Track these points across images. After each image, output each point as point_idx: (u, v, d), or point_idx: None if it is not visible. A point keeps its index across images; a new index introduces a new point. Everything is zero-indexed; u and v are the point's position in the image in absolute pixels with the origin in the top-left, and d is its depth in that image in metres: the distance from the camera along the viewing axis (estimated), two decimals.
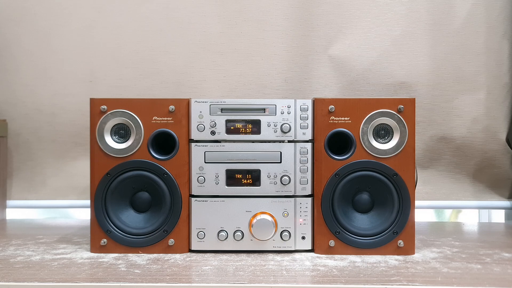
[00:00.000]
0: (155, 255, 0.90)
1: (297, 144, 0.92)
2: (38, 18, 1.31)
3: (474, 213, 1.47)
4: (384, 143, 0.91)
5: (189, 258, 0.88)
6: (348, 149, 0.91)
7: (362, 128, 0.90)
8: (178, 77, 1.31)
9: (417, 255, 0.90)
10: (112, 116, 0.91)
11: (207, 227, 0.92)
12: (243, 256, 0.89)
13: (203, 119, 0.92)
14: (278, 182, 0.92)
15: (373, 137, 0.91)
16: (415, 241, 0.92)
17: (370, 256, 0.90)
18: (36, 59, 1.32)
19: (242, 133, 0.92)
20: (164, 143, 0.93)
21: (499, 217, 1.43)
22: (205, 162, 0.92)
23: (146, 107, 0.91)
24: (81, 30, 1.31)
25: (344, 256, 0.90)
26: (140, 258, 0.87)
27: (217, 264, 0.83)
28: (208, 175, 0.92)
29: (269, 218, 0.90)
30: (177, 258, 0.88)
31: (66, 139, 1.33)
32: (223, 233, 0.91)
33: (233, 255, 0.90)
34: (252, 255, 0.90)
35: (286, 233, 0.92)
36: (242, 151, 0.92)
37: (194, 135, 0.92)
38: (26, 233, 1.10)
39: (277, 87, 1.31)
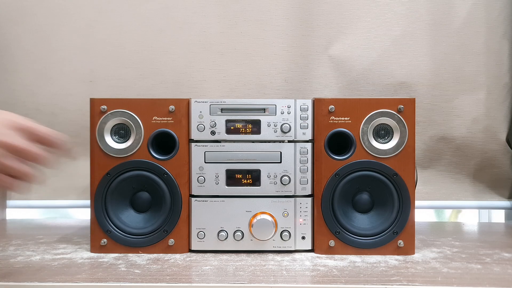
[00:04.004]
0: (155, 255, 0.90)
1: (297, 144, 0.92)
2: (38, 18, 1.31)
3: (474, 213, 1.47)
4: (384, 143, 0.91)
5: (189, 258, 0.88)
6: (348, 149, 0.91)
7: (362, 128, 0.90)
8: (178, 77, 1.31)
9: (417, 255, 0.90)
10: (112, 116, 0.91)
11: (207, 227, 0.92)
12: (243, 256, 0.89)
13: (203, 119, 0.92)
14: (278, 182, 0.92)
15: (373, 137, 0.91)
16: (415, 241, 0.92)
17: (370, 256, 0.90)
18: (36, 59, 1.32)
19: (242, 133, 0.92)
20: (164, 143, 0.93)
21: (499, 217, 1.43)
22: (205, 162, 0.92)
23: (146, 107, 0.91)
24: (81, 30, 1.31)
25: (344, 256, 0.90)
26: (140, 258, 0.87)
27: (217, 264, 0.83)
28: (208, 175, 0.92)
29: (269, 218, 0.90)
30: (177, 258, 0.88)
31: (66, 139, 1.33)
32: (223, 233, 0.91)
33: (233, 255, 0.90)
34: (252, 255, 0.90)
35: (286, 233, 0.92)
36: (242, 151, 0.92)
37: (194, 135, 0.92)
38: (26, 233, 1.10)
39: (277, 87, 1.31)
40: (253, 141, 0.93)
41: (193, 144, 0.92)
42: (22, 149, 0.68)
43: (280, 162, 0.92)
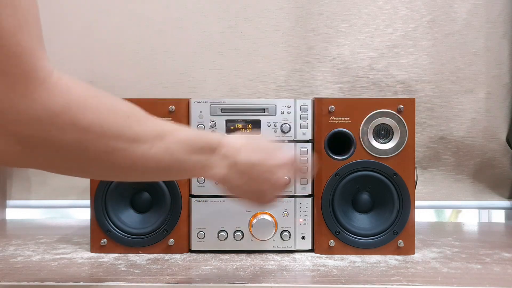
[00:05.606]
0: (155, 255, 0.90)
1: (297, 144, 0.92)
2: None
3: (474, 213, 1.47)
4: (384, 143, 0.91)
5: (189, 258, 0.88)
6: (348, 149, 0.91)
7: (362, 128, 0.90)
8: (178, 77, 1.31)
9: (417, 255, 0.90)
10: None
11: (207, 227, 0.92)
12: (243, 256, 0.89)
13: (203, 119, 0.92)
14: None
15: (373, 137, 0.91)
16: (415, 241, 0.92)
17: (370, 256, 0.90)
18: None
19: (242, 133, 0.92)
20: None
21: (499, 217, 1.43)
22: None
23: (146, 107, 0.89)
24: (81, 30, 1.31)
25: (344, 256, 0.90)
26: (140, 258, 0.87)
27: (217, 264, 0.83)
28: None
29: (269, 218, 0.90)
30: (177, 258, 0.88)
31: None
32: (223, 233, 0.91)
33: (233, 255, 0.90)
34: (252, 255, 0.90)
35: (286, 233, 0.92)
36: None
37: None
38: (26, 233, 1.10)
39: (277, 87, 1.31)
40: None
41: None
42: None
43: None
